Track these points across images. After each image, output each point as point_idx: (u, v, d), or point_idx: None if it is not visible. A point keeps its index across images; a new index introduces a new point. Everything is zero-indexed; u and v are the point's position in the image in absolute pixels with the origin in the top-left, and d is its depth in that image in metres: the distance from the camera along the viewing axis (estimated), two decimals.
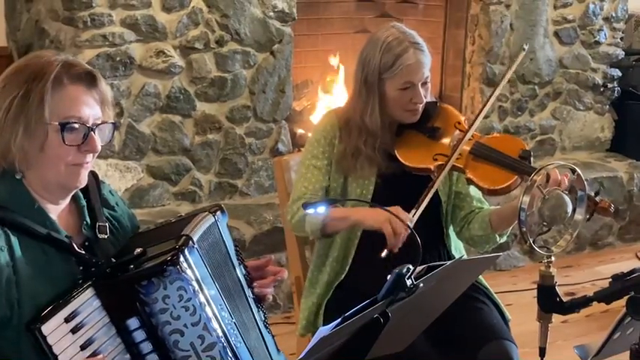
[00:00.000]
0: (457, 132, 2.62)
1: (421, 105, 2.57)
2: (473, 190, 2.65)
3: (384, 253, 2.36)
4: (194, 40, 3.97)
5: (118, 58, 3.81)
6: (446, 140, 2.61)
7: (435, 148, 2.59)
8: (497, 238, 2.62)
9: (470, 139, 2.58)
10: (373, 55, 2.54)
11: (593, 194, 2.40)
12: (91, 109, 1.80)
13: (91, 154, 1.82)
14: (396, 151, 2.59)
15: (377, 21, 4.90)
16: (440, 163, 2.54)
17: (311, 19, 4.61)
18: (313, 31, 4.68)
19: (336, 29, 4.78)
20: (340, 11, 4.79)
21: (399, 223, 2.33)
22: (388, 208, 2.32)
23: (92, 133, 1.79)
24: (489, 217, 2.59)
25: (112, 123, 1.86)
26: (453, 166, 2.55)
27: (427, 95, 2.59)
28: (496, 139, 2.64)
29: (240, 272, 2.02)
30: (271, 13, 4.15)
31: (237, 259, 2.03)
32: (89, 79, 1.81)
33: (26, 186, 1.79)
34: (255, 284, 2.07)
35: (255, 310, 2.03)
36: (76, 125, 1.77)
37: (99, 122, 1.82)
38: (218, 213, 2.00)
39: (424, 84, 2.56)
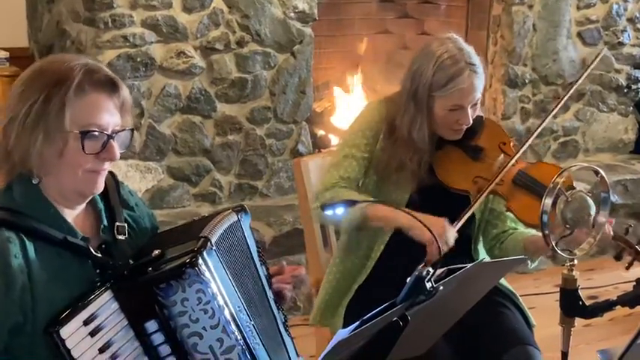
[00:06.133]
0: (502, 156, 2.54)
1: (466, 126, 2.51)
2: (511, 213, 2.58)
3: (421, 268, 2.33)
4: (215, 40, 3.97)
5: (138, 59, 3.82)
6: (488, 162, 2.54)
7: (475, 170, 2.52)
8: (530, 264, 2.55)
9: (514, 165, 2.50)
10: (426, 69, 2.46)
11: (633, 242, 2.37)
12: (111, 116, 1.78)
13: (109, 162, 1.80)
14: (435, 167, 2.53)
15: (398, 22, 4.89)
16: (480, 186, 2.48)
17: (332, 19, 4.60)
18: (334, 32, 4.67)
19: (357, 30, 4.77)
20: (361, 12, 4.78)
21: (443, 242, 2.29)
22: (435, 224, 2.25)
23: (112, 141, 1.77)
24: (524, 244, 2.52)
25: (131, 129, 1.84)
26: (494, 191, 2.48)
27: (475, 114, 2.52)
28: (540, 170, 2.53)
29: (262, 272, 2.01)
30: (292, 14, 4.14)
31: (260, 260, 2.02)
32: (110, 86, 1.79)
33: (42, 190, 1.78)
34: (273, 280, 2.06)
35: (275, 311, 2.02)
36: (96, 133, 1.75)
37: (118, 129, 1.80)
38: (241, 212, 1.99)
39: (474, 105, 2.49)
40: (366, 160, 2.55)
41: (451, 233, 2.35)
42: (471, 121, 2.50)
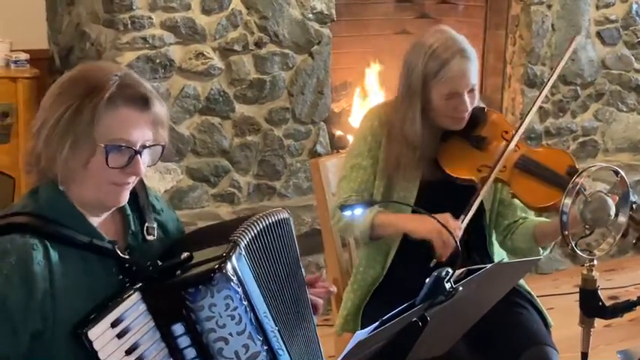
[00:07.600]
0: (503, 143, 2.55)
1: (467, 113, 2.52)
2: (517, 200, 2.60)
3: (432, 263, 2.33)
4: (233, 42, 3.98)
5: (157, 60, 3.83)
6: (491, 151, 2.55)
7: (479, 159, 2.53)
8: (541, 251, 2.56)
9: (516, 150, 2.52)
10: (418, 61, 2.48)
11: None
12: (140, 131, 1.77)
13: (134, 177, 1.80)
14: (439, 159, 2.54)
15: (416, 22, 4.87)
16: (484, 175, 2.49)
17: (350, 20, 4.59)
18: (352, 33, 4.66)
19: (375, 30, 4.75)
20: (379, 12, 4.76)
21: (448, 234, 2.29)
22: (437, 217, 2.27)
23: (138, 156, 1.76)
24: (533, 231, 2.54)
25: (162, 145, 1.83)
26: (498, 179, 2.50)
27: (474, 102, 2.53)
28: (543, 153, 2.56)
29: (303, 273, 2.01)
30: (310, 15, 4.14)
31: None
32: (142, 102, 1.78)
33: (68, 195, 1.78)
34: (310, 291, 2.05)
35: (312, 313, 2.02)
36: (123, 147, 1.75)
37: (148, 144, 1.79)
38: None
39: (471, 91, 2.49)
40: (372, 166, 2.57)
41: (456, 224, 2.36)
42: (470, 108, 2.50)
